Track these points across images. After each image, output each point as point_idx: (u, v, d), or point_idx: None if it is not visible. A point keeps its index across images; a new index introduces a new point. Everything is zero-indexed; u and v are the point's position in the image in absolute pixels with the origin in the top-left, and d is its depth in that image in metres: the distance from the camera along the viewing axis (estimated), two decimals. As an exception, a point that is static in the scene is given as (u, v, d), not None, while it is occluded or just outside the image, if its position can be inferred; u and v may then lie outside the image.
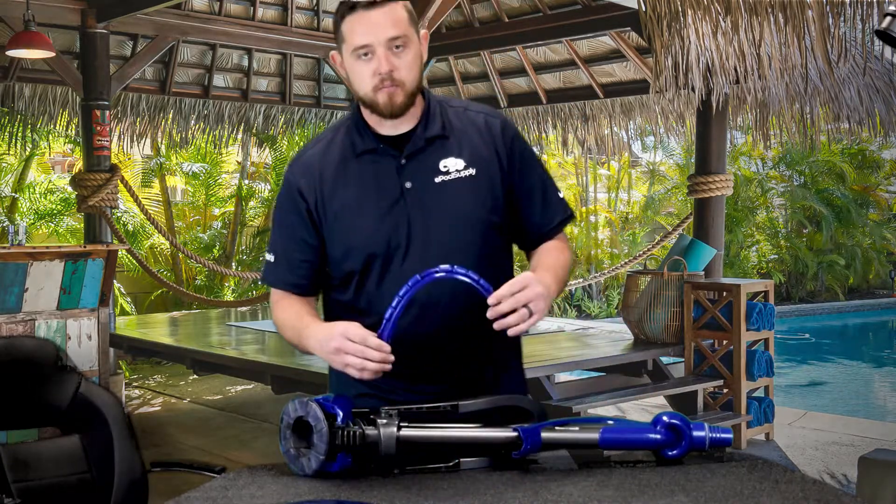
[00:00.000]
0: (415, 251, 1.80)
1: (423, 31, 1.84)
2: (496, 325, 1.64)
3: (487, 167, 1.84)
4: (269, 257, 1.93)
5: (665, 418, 1.63)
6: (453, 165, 1.83)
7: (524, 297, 1.64)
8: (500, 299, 1.63)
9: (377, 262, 1.82)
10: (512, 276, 1.74)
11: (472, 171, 1.83)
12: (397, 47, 1.76)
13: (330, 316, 1.93)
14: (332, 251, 1.87)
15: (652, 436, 1.62)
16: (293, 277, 1.90)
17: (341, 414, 1.59)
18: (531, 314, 1.64)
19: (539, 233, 1.93)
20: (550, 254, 1.90)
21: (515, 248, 2.00)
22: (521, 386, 1.99)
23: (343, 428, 1.58)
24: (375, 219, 1.82)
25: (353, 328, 1.67)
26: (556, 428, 1.64)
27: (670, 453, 1.62)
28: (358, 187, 1.84)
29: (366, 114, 1.85)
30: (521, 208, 1.90)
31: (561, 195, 1.95)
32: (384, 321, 1.66)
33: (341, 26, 1.78)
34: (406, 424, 1.61)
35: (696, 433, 1.61)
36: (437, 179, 1.82)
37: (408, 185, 1.81)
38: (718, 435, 1.62)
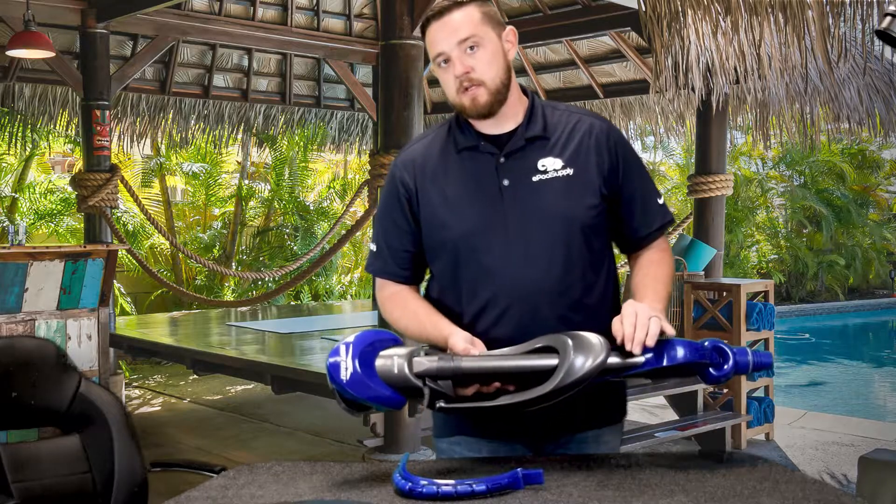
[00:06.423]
0: (507, 247, 1.83)
1: (508, 28, 1.87)
2: (633, 348, 1.62)
3: (586, 168, 1.85)
4: (372, 247, 1.99)
5: (707, 344, 1.66)
6: (551, 165, 1.84)
7: (643, 323, 1.62)
8: (623, 334, 1.62)
9: (469, 256, 1.85)
10: (612, 280, 1.83)
11: (569, 171, 1.84)
12: (470, 48, 1.80)
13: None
14: (427, 243, 1.91)
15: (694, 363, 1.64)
16: (395, 267, 1.95)
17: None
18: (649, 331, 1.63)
19: (637, 237, 1.93)
20: (650, 271, 1.88)
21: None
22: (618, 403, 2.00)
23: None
24: (471, 214, 1.85)
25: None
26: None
27: (714, 374, 1.65)
28: (456, 182, 1.87)
29: None
30: (622, 212, 1.90)
31: (661, 201, 1.94)
32: None
33: (425, 41, 1.84)
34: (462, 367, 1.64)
35: (739, 358, 1.64)
36: (535, 178, 1.84)
37: (505, 182, 1.84)
38: (761, 359, 1.66)
